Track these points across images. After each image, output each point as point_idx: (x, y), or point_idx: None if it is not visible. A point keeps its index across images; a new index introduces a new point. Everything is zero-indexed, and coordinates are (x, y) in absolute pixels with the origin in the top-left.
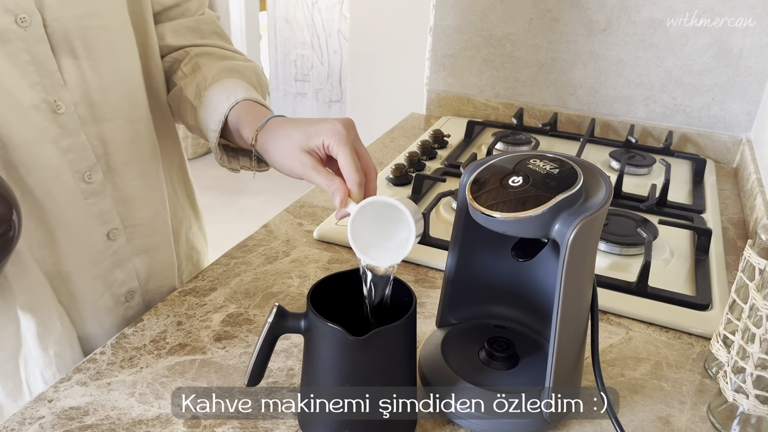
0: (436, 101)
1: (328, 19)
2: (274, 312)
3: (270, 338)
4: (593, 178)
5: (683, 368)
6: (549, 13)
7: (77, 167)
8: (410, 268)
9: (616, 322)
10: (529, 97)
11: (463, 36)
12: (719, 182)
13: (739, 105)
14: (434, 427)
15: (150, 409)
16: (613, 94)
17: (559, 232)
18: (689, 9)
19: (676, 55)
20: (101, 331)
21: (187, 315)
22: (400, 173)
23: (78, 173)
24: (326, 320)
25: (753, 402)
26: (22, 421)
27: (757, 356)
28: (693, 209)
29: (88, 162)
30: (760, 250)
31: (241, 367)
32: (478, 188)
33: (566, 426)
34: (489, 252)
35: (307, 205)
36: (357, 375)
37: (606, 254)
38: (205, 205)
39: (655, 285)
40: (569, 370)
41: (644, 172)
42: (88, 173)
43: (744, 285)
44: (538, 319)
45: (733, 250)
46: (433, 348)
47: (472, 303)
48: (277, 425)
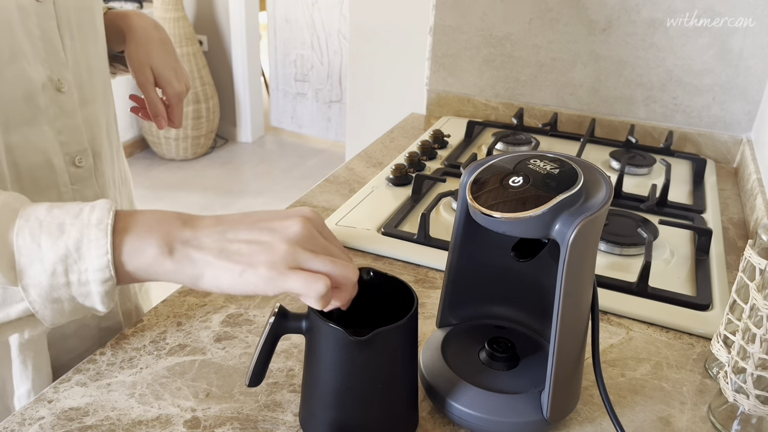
0: (436, 101)
1: (328, 19)
2: (275, 312)
3: (271, 338)
4: (593, 178)
5: (684, 368)
6: (549, 13)
7: (68, 149)
8: (410, 268)
9: (617, 322)
10: (529, 97)
11: (463, 36)
12: (719, 182)
13: (739, 105)
14: (435, 428)
15: (150, 409)
16: (613, 94)
17: (560, 233)
18: (689, 9)
19: (676, 55)
20: (75, 330)
21: (187, 315)
22: (400, 173)
23: (68, 156)
24: (327, 320)
25: (753, 402)
26: (21, 422)
27: (757, 356)
28: (693, 209)
29: (79, 146)
30: (761, 250)
31: (241, 368)
32: (478, 188)
33: (566, 426)
34: (489, 252)
35: (307, 205)
36: (358, 375)
37: (606, 254)
38: (205, 205)
39: (656, 285)
40: (569, 371)
41: (644, 172)
42: (78, 157)
43: (744, 285)
44: (539, 320)
45: (733, 250)
46: (433, 348)
47: (473, 303)
48: (277, 426)
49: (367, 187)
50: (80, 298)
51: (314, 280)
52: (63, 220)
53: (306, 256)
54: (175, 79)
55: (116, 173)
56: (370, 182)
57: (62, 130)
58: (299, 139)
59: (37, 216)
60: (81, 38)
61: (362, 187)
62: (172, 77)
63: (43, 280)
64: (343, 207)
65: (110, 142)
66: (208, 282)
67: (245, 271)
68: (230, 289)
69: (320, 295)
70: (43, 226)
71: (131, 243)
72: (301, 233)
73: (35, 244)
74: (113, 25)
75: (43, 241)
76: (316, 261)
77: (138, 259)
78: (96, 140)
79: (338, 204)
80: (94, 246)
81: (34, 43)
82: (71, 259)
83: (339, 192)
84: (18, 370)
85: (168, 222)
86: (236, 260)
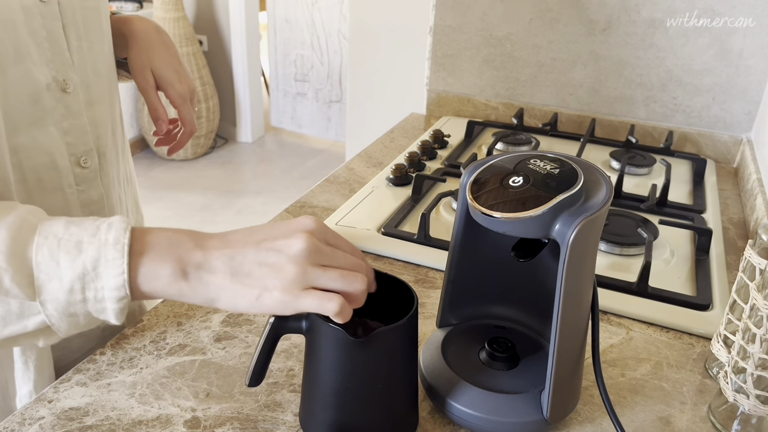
0: (436, 101)
1: (328, 19)
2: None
3: (271, 338)
4: (593, 178)
5: (684, 368)
6: (549, 13)
7: (74, 150)
8: (410, 268)
9: (617, 322)
10: (529, 97)
11: (463, 36)
12: (719, 182)
13: (739, 105)
14: (435, 428)
15: (150, 409)
16: (613, 94)
17: (560, 233)
18: (689, 9)
19: (676, 55)
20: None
21: (187, 315)
22: (400, 173)
23: (74, 157)
24: (327, 321)
25: (754, 402)
26: (21, 422)
27: (757, 356)
28: (693, 209)
29: (84, 146)
30: (761, 250)
31: (242, 368)
32: (478, 188)
33: (566, 426)
34: (489, 252)
35: (307, 205)
36: (358, 376)
37: (606, 254)
38: (205, 205)
39: (656, 285)
40: (570, 371)
41: (644, 172)
42: (84, 158)
43: (744, 285)
44: (539, 320)
45: (733, 250)
46: (433, 348)
47: (473, 303)
48: (277, 426)
49: (367, 187)
50: (95, 312)
51: (327, 300)
52: (81, 238)
53: (316, 274)
54: (177, 81)
55: (121, 173)
56: (370, 182)
57: (68, 131)
58: (299, 139)
59: (55, 233)
60: (87, 38)
61: (362, 187)
62: (174, 79)
63: (60, 297)
64: (343, 207)
65: (116, 142)
66: (224, 304)
67: (261, 295)
68: (247, 311)
69: (335, 313)
70: (62, 244)
71: (146, 266)
72: (306, 249)
73: (54, 261)
74: (115, 30)
75: (61, 259)
76: (325, 278)
77: (153, 282)
78: (101, 140)
79: (338, 204)
80: (111, 266)
81: (40, 43)
82: (89, 278)
83: (339, 192)
84: (20, 371)
85: (179, 244)
86: (250, 284)
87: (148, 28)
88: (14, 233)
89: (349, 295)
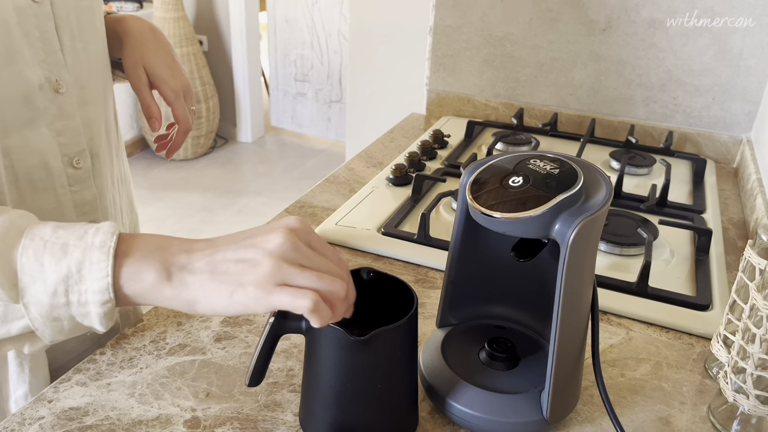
0: (436, 101)
1: (328, 19)
2: (275, 312)
3: (271, 338)
4: (593, 179)
5: (683, 368)
6: (549, 13)
7: (67, 151)
8: (410, 268)
9: (617, 322)
10: (529, 97)
11: (463, 36)
12: (719, 182)
13: (739, 105)
14: (435, 428)
15: (150, 409)
16: (613, 94)
17: (560, 233)
18: (689, 9)
19: (676, 55)
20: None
21: (187, 315)
22: (400, 173)
23: (67, 157)
24: None
25: (753, 402)
26: (21, 422)
27: (757, 356)
28: (693, 209)
29: (77, 147)
30: (761, 250)
31: (241, 368)
32: (478, 188)
33: (566, 426)
34: (489, 252)
35: (307, 205)
36: (358, 376)
37: (606, 254)
38: (205, 205)
39: (656, 285)
40: (569, 371)
41: (644, 173)
42: (76, 158)
43: (744, 285)
44: (539, 320)
45: (733, 251)
46: (433, 348)
47: (473, 303)
48: (277, 426)
49: (367, 187)
50: (79, 317)
51: (300, 296)
52: (67, 240)
53: (291, 272)
54: (170, 77)
55: (115, 173)
56: (370, 182)
57: (61, 132)
58: (299, 139)
59: (42, 236)
60: (81, 38)
61: (362, 187)
62: (167, 75)
63: (44, 299)
64: (343, 207)
65: (109, 142)
66: (204, 307)
67: (235, 291)
68: (225, 311)
69: (309, 310)
70: (47, 246)
71: (131, 267)
72: (284, 245)
73: (38, 263)
74: (110, 30)
75: (46, 261)
76: (300, 277)
77: (137, 284)
78: (94, 141)
79: (338, 204)
80: (95, 269)
81: (33, 44)
82: (72, 280)
83: (339, 192)
84: (15, 373)
85: (166, 248)
86: (226, 280)
87: (142, 27)
88: (1, 235)
89: (327, 298)
